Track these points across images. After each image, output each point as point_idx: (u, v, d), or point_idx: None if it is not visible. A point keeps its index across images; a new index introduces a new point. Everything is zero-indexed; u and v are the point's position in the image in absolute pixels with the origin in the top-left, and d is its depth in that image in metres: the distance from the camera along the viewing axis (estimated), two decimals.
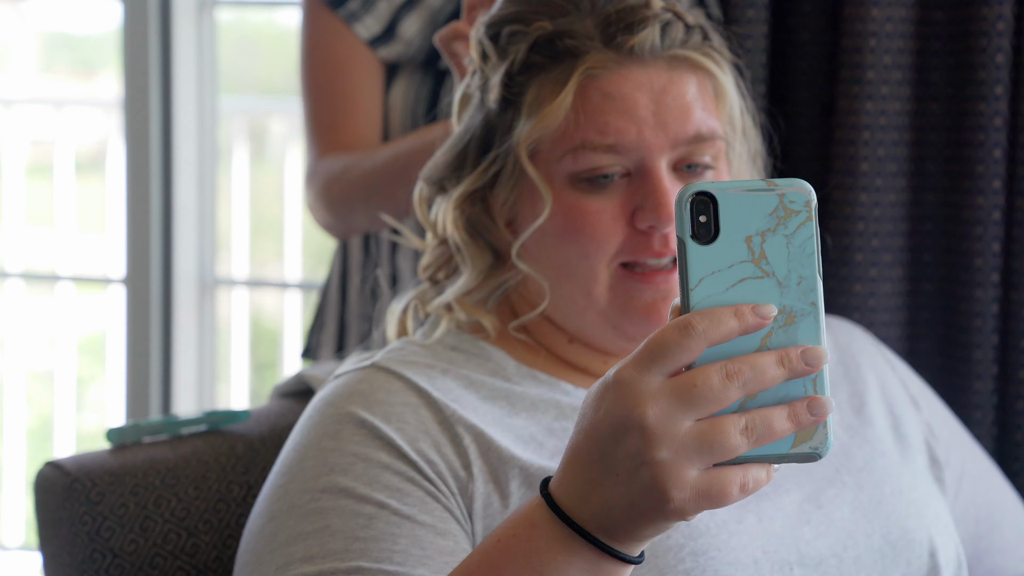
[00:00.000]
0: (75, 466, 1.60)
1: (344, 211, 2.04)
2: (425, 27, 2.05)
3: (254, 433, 1.68)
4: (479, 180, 1.52)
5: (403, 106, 2.08)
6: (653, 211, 1.45)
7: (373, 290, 2.19)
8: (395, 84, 2.09)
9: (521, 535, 1.12)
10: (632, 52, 1.46)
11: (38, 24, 6.04)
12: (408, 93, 2.07)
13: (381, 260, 2.19)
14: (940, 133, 2.09)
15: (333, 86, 2.10)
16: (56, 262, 4.39)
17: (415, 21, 2.05)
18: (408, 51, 2.06)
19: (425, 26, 2.05)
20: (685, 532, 1.39)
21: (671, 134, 1.45)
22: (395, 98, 2.08)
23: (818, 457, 1.04)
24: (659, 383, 1.03)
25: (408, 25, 2.05)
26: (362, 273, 2.22)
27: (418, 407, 1.44)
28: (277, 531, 1.38)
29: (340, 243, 2.25)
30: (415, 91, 2.07)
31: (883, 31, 2.03)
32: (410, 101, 2.07)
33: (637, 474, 1.03)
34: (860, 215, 2.05)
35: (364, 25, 2.06)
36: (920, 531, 1.50)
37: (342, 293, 2.25)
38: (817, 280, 1.04)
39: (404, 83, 2.08)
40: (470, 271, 1.54)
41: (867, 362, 1.65)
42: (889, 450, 1.57)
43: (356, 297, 2.22)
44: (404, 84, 2.08)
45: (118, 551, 1.57)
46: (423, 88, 2.07)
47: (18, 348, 4.38)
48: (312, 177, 2.08)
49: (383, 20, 2.06)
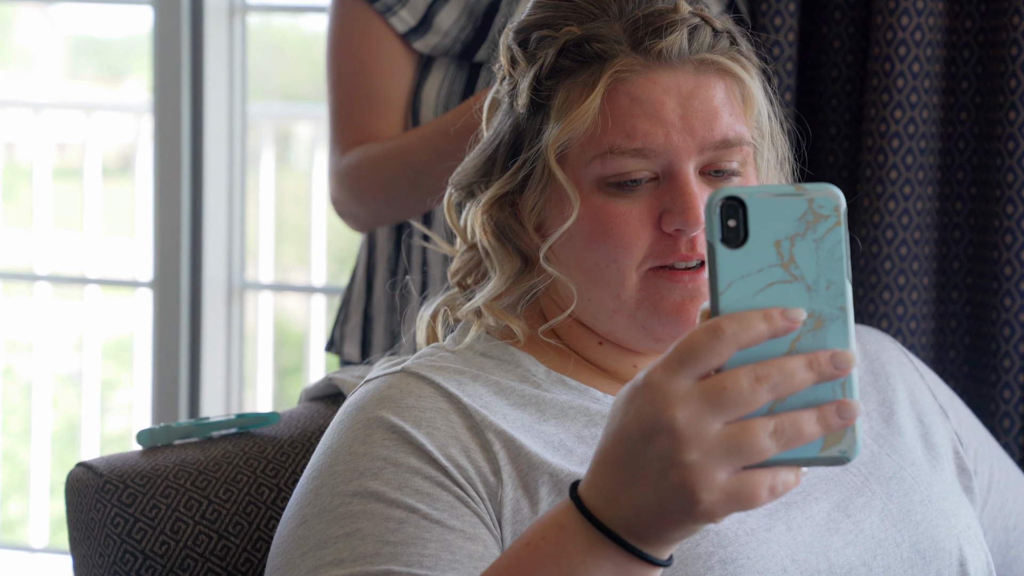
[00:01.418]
0: (107, 467, 1.61)
1: (377, 194, 2.04)
2: (461, 18, 2.05)
3: (284, 436, 1.68)
4: (508, 184, 1.52)
5: (436, 100, 2.08)
6: (680, 215, 1.45)
7: (402, 290, 2.19)
8: (428, 77, 2.09)
9: (550, 538, 1.13)
10: (660, 56, 1.46)
11: (66, 28, 6.06)
12: (441, 87, 2.08)
13: (412, 266, 2.19)
14: (969, 141, 2.09)
15: (361, 82, 2.10)
16: (84, 265, 4.40)
17: (451, 12, 2.05)
18: (444, 43, 2.06)
19: (461, 17, 2.05)
20: (714, 540, 1.39)
21: (698, 138, 1.46)
22: (428, 91, 2.08)
23: (846, 461, 1.04)
24: (688, 386, 1.04)
25: (444, 17, 2.06)
26: (389, 267, 2.22)
27: (448, 413, 1.44)
28: (307, 535, 1.39)
29: (366, 236, 2.25)
30: (448, 85, 2.08)
31: (913, 39, 2.03)
32: (443, 95, 2.08)
33: (666, 476, 1.04)
34: (889, 223, 2.06)
35: (400, 18, 2.06)
36: (950, 540, 1.50)
37: (368, 286, 2.25)
38: (846, 285, 1.05)
39: (438, 76, 2.08)
40: (499, 276, 1.54)
41: (896, 371, 1.65)
42: (918, 459, 1.56)
43: (382, 291, 2.23)
44: (438, 77, 2.08)
45: (149, 552, 1.58)
46: (456, 82, 2.07)
47: (45, 351, 4.40)
48: (337, 170, 2.09)
49: (419, 12, 2.06)
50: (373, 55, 2.09)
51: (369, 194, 2.06)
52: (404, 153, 2.01)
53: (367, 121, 2.09)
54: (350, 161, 2.07)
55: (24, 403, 5.10)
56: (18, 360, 5.36)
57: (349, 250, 4.64)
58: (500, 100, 1.56)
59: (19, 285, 4.65)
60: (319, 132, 4.34)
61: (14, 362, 5.38)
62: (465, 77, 2.08)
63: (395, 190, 2.02)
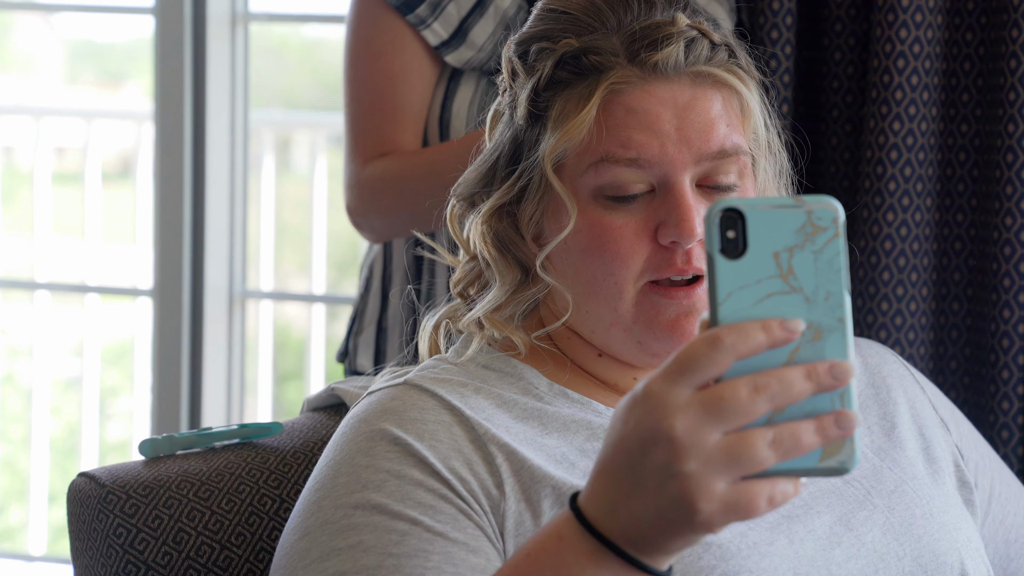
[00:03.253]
0: (109, 477, 1.61)
1: (402, 208, 2.04)
2: (497, 31, 2.05)
3: (286, 446, 1.69)
4: (506, 195, 1.53)
5: (467, 113, 2.09)
6: (675, 227, 1.45)
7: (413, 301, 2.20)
8: (459, 90, 2.09)
9: (550, 548, 1.13)
10: (656, 68, 1.47)
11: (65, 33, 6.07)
12: (473, 100, 2.08)
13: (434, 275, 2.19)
14: (969, 153, 2.09)
15: (386, 93, 2.09)
16: (84, 272, 4.41)
17: (486, 26, 2.06)
18: (479, 56, 2.06)
19: (497, 30, 2.05)
20: (716, 554, 1.39)
21: (694, 149, 1.46)
22: (459, 105, 2.09)
23: (845, 471, 1.05)
24: (687, 396, 1.04)
25: (479, 31, 2.06)
26: (407, 279, 2.22)
27: (451, 425, 1.45)
28: (310, 547, 1.39)
29: (383, 247, 2.25)
30: (480, 98, 2.08)
31: (912, 52, 2.04)
32: (474, 109, 2.08)
33: (665, 486, 1.04)
34: (888, 234, 2.06)
35: (432, 31, 2.06)
36: (951, 554, 1.50)
37: (383, 297, 2.25)
38: (844, 296, 1.05)
39: (468, 89, 2.08)
40: (499, 286, 1.55)
41: (897, 384, 1.65)
42: (920, 473, 1.57)
43: (398, 303, 2.23)
44: (468, 90, 2.08)
45: (152, 563, 1.58)
46: (489, 95, 2.08)
47: (45, 357, 4.40)
48: (357, 181, 2.08)
49: (452, 25, 2.06)
50: (400, 66, 2.08)
51: (393, 208, 2.06)
52: (433, 167, 2.01)
53: (390, 132, 2.08)
54: (372, 173, 2.07)
55: (24, 410, 5.10)
56: (18, 367, 5.37)
57: (349, 256, 4.64)
58: (501, 111, 1.57)
59: (19, 292, 4.66)
60: (320, 139, 4.34)
61: (14, 369, 5.39)
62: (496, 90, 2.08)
63: (421, 205, 2.02)
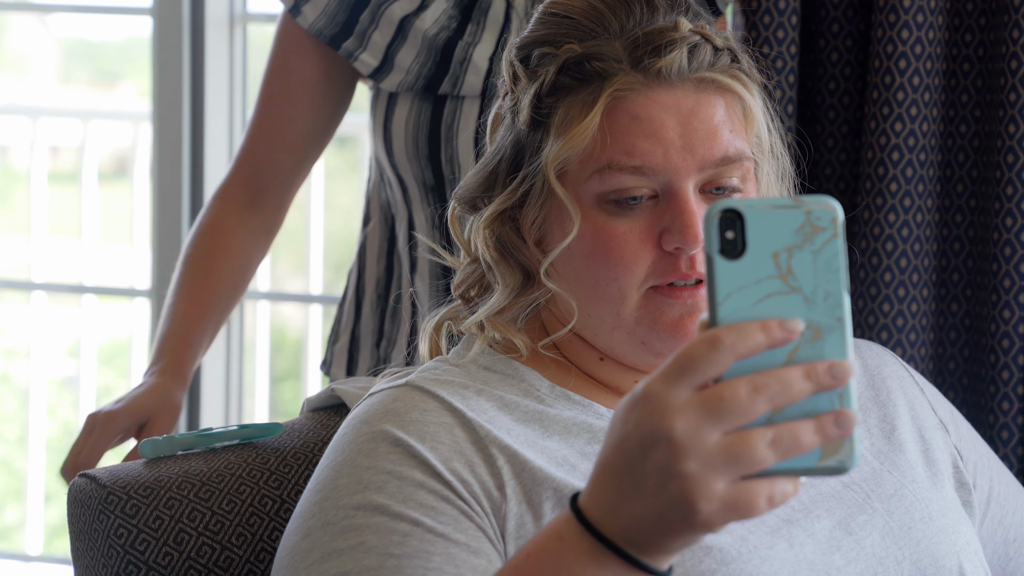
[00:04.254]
0: (109, 478, 1.62)
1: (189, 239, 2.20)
2: (421, 54, 2.09)
3: (286, 447, 1.69)
4: (508, 200, 1.53)
5: (404, 133, 2.12)
6: (679, 233, 1.45)
7: (394, 308, 2.21)
8: (395, 111, 2.13)
9: (551, 549, 1.13)
10: (659, 74, 1.46)
11: (59, 32, 6.06)
12: (409, 120, 2.11)
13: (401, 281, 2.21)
14: (969, 154, 2.10)
15: (277, 115, 2.18)
16: (81, 273, 4.41)
17: (410, 50, 2.10)
18: (407, 79, 2.10)
19: (421, 53, 2.09)
20: (717, 557, 1.39)
21: (698, 156, 1.46)
22: (396, 126, 2.13)
23: (844, 471, 1.05)
24: (687, 396, 1.04)
25: (404, 55, 2.10)
26: (377, 290, 2.24)
27: (452, 427, 1.45)
28: (312, 548, 1.39)
29: (356, 258, 2.28)
30: (415, 118, 2.11)
31: (913, 53, 2.04)
32: (411, 128, 2.11)
33: (665, 486, 1.05)
34: (889, 235, 2.07)
35: (362, 61, 2.11)
36: (950, 558, 1.50)
37: (356, 307, 2.27)
38: (843, 296, 1.05)
39: (403, 110, 2.12)
40: (501, 290, 1.55)
41: (897, 386, 1.65)
42: (919, 476, 1.57)
43: (369, 313, 2.25)
44: (404, 111, 2.12)
45: (152, 564, 1.59)
46: (423, 114, 2.11)
47: (42, 357, 4.40)
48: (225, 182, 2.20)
49: (379, 53, 2.11)
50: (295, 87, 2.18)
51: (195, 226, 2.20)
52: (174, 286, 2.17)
53: (273, 151, 2.20)
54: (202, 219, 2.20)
55: (20, 410, 5.11)
56: (14, 367, 5.37)
57: (346, 257, 4.64)
58: (502, 115, 1.56)
59: (16, 292, 4.66)
60: None
61: (11, 369, 5.39)
62: (431, 108, 2.11)
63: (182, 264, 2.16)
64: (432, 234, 2.14)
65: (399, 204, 2.19)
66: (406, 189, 2.15)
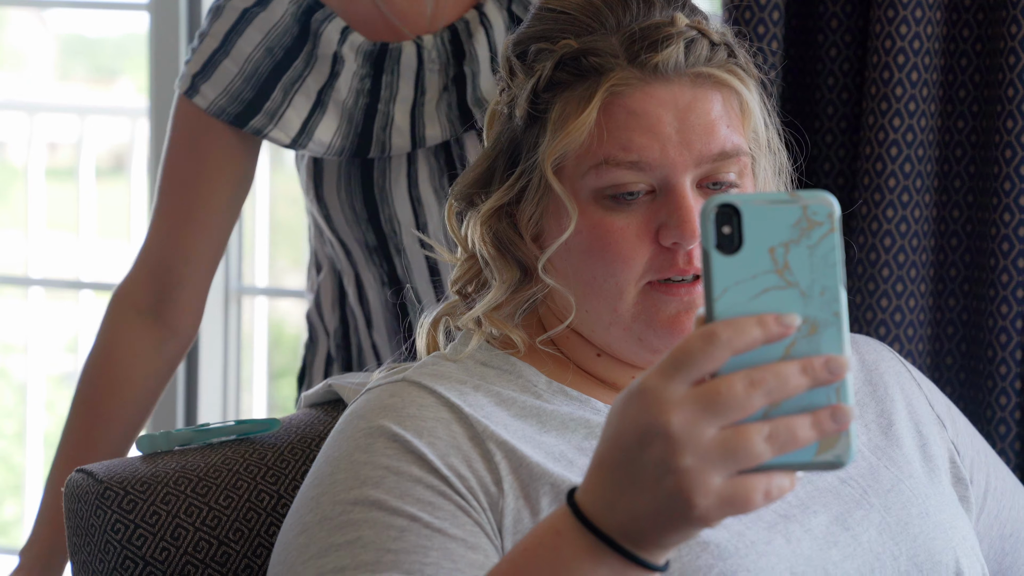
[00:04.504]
0: (106, 473, 1.62)
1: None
2: (342, 126, 2.04)
3: (284, 442, 1.69)
4: (505, 195, 1.53)
5: (339, 200, 2.07)
6: (677, 228, 1.45)
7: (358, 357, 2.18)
8: (324, 180, 2.08)
9: (548, 544, 1.13)
10: (656, 70, 1.46)
11: (56, 28, 6.06)
12: (340, 187, 2.07)
13: (359, 333, 2.18)
14: (967, 149, 2.10)
15: (190, 198, 2.08)
16: (78, 269, 4.40)
17: (329, 125, 2.04)
18: (330, 151, 2.05)
19: (342, 125, 2.04)
20: (714, 553, 1.39)
21: (695, 152, 1.46)
22: (328, 194, 2.08)
23: (841, 465, 1.05)
24: (683, 391, 1.04)
25: (323, 130, 2.04)
26: (335, 339, 2.20)
27: (450, 422, 1.45)
28: (309, 543, 1.39)
29: (314, 305, 2.23)
30: (346, 184, 2.06)
31: (911, 48, 2.04)
32: (344, 195, 2.07)
33: (662, 481, 1.05)
34: (887, 230, 2.07)
35: (273, 137, 2.04)
36: (947, 553, 1.51)
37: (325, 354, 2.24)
38: (840, 291, 1.05)
39: (332, 177, 2.07)
40: (498, 285, 1.55)
41: (894, 381, 1.65)
42: (916, 471, 1.57)
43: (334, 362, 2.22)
44: (332, 178, 2.07)
45: (149, 559, 1.59)
46: (353, 180, 2.07)
47: (39, 353, 4.40)
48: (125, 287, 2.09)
49: (293, 129, 2.04)
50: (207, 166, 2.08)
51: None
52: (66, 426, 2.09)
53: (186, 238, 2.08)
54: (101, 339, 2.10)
55: (18, 406, 5.10)
56: (12, 363, 5.37)
57: None
58: (499, 111, 1.56)
59: (13, 288, 4.66)
60: None
61: (8, 365, 5.39)
62: (360, 172, 2.07)
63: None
64: (383, 292, 2.11)
65: (343, 263, 2.14)
66: (349, 251, 2.12)
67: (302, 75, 2.04)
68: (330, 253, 2.18)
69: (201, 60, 2.05)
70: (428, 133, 2.02)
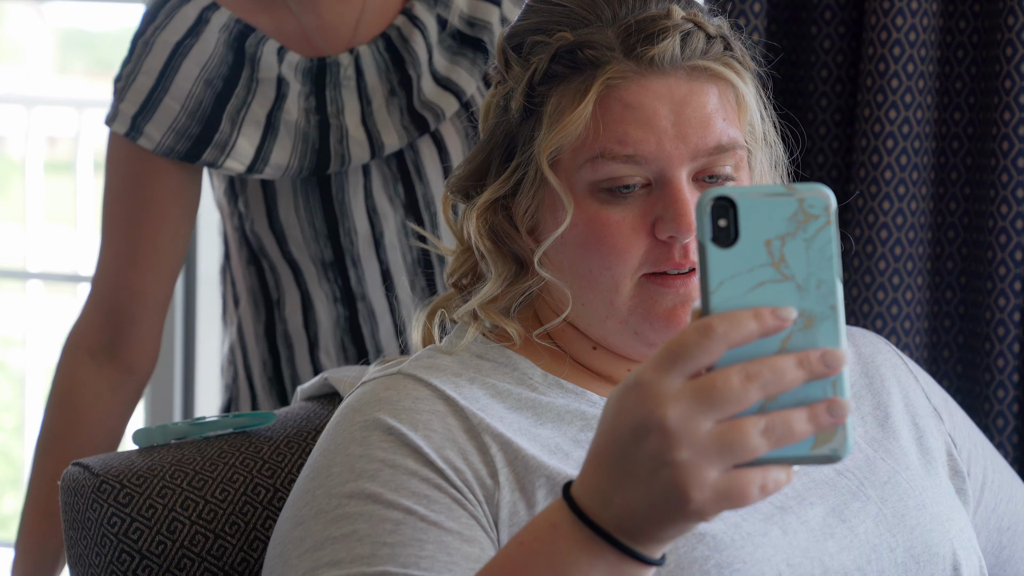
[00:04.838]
0: (103, 467, 1.62)
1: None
2: (298, 147, 2.02)
3: (279, 436, 1.69)
4: (501, 189, 1.53)
5: (298, 220, 2.06)
6: (673, 221, 1.45)
7: (292, 388, 2.16)
8: (279, 204, 2.06)
9: (544, 538, 1.13)
10: (652, 63, 1.46)
11: (55, 22, 6.05)
12: (298, 208, 2.05)
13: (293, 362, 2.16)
14: (964, 141, 2.10)
15: (138, 236, 2.05)
16: (76, 262, 4.41)
17: (284, 148, 2.02)
18: (287, 174, 2.03)
19: (297, 146, 2.02)
20: (710, 544, 1.39)
21: (691, 145, 1.46)
22: (286, 217, 2.07)
23: (837, 459, 1.05)
24: (679, 385, 1.04)
25: (279, 154, 2.02)
26: (267, 372, 2.18)
27: (445, 415, 1.45)
28: (304, 536, 1.39)
29: (237, 337, 2.21)
30: (304, 203, 2.05)
31: (907, 40, 2.04)
32: (304, 214, 2.06)
33: (658, 475, 1.05)
34: (883, 223, 2.06)
35: (228, 168, 2.02)
36: (943, 545, 1.51)
37: (249, 387, 2.20)
38: (836, 284, 1.05)
39: (287, 199, 2.06)
40: (494, 278, 1.55)
41: (891, 373, 1.65)
42: (913, 464, 1.57)
43: (264, 394, 2.19)
44: (288, 200, 2.06)
45: (145, 552, 1.59)
46: (312, 198, 2.06)
47: (38, 346, 4.41)
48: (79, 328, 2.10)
49: (248, 157, 2.02)
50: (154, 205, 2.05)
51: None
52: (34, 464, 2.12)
53: (136, 276, 2.06)
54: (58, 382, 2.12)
55: (17, 399, 5.10)
56: (11, 356, 5.37)
57: None
58: (494, 104, 1.56)
59: (12, 281, 4.66)
60: None
61: (7, 358, 5.39)
62: (318, 189, 2.05)
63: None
64: (335, 308, 2.09)
65: (288, 287, 2.12)
66: (300, 272, 2.10)
67: (246, 101, 2.01)
68: (255, 283, 2.14)
69: (138, 99, 2.02)
70: (386, 141, 2.02)
